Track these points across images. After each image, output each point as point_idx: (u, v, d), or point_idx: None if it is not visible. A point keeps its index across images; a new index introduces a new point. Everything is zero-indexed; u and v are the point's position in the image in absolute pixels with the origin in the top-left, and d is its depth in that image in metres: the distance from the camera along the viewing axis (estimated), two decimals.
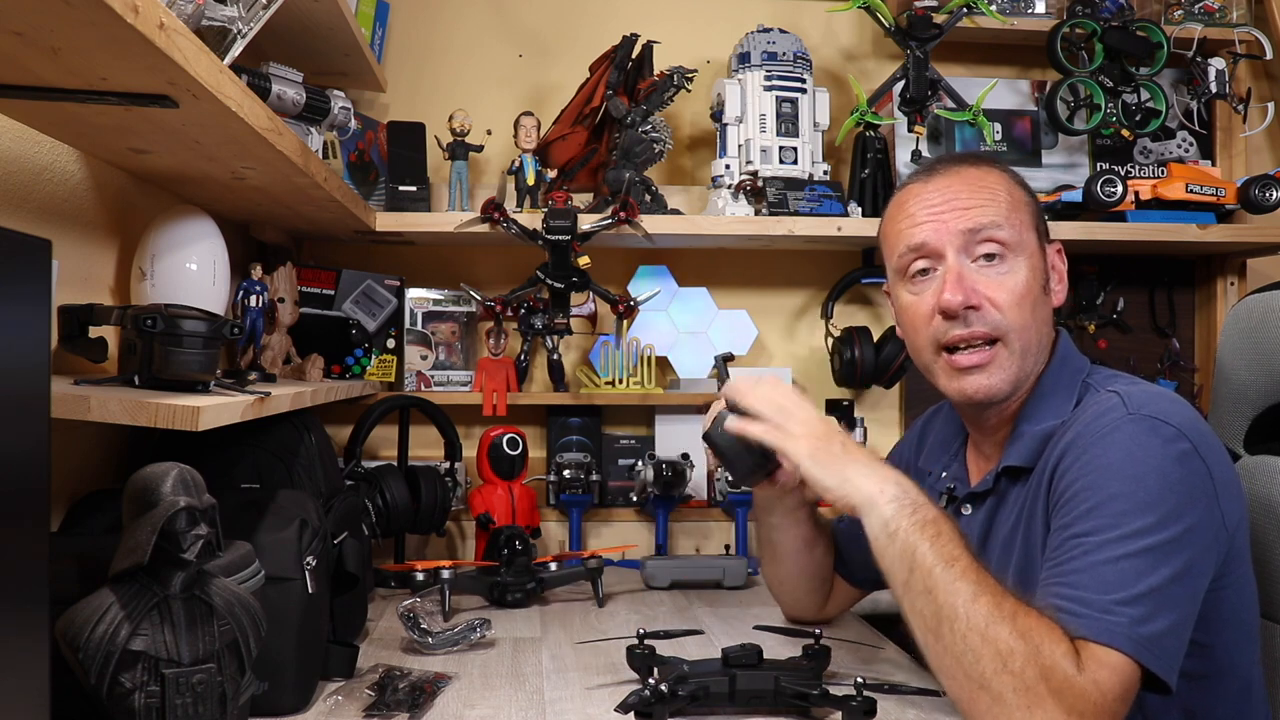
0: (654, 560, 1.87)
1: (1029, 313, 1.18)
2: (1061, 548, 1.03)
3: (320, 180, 1.45)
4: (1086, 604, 0.97)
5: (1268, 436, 1.39)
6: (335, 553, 1.35)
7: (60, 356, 1.18)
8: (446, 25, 2.19)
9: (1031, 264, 1.19)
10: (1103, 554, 0.99)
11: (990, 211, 1.19)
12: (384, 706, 1.19)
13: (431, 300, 2.11)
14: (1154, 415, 1.06)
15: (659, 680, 1.12)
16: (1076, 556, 1.01)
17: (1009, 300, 1.17)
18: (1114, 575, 0.98)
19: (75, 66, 0.92)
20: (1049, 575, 1.03)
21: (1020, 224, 1.20)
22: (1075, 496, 1.05)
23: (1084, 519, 1.03)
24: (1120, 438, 1.06)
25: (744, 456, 1.30)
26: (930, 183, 1.23)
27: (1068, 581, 1.00)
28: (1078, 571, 1.00)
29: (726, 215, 1.99)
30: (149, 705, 0.91)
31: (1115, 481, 1.03)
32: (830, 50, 2.26)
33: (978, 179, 1.21)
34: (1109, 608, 0.97)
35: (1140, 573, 0.98)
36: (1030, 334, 1.18)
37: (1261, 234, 2.08)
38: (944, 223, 1.19)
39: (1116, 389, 1.13)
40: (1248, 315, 1.39)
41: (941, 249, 1.19)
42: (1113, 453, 1.05)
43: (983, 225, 1.18)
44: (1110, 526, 1.01)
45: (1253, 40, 2.15)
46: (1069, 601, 0.98)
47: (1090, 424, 1.09)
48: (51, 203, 1.24)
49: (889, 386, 2.16)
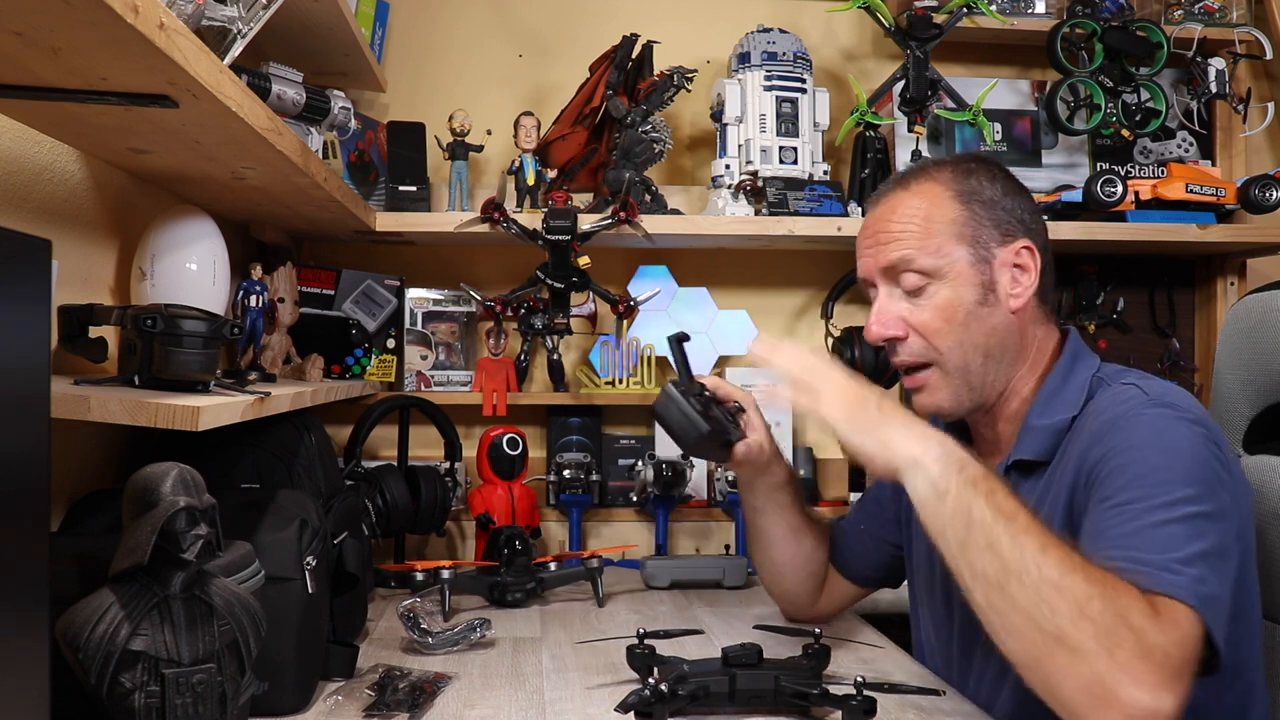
0: (654, 560, 1.87)
1: (958, 332, 1.20)
2: (1104, 518, 1.02)
3: (320, 180, 1.45)
4: (1145, 563, 0.96)
5: (1267, 436, 1.39)
6: (335, 553, 1.35)
7: (60, 356, 1.18)
8: (446, 25, 2.19)
9: (958, 282, 1.20)
10: (1152, 517, 0.99)
11: (903, 245, 1.21)
12: (384, 706, 1.19)
13: (431, 300, 2.11)
14: (1175, 404, 1.09)
15: (659, 680, 1.12)
16: (1125, 521, 1.00)
17: (931, 326, 1.20)
18: (1165, 538, 0.97)
19: (75, 66, 0.92)
20: (1097, 544, 1.00)
21: (938, 247, 1.20)
22: (1112, 472, 1.05)
23: (1125, 489, 1.02)
24: (1148, 419, 1.08)
25: (689, 428, 1.26)
26: (871, 212, 1.29)
27: (1120, 544, 0.98)
28: (1129, 535, 0.99)
29: (726, 215, 1.98)
30: (149, 705, 0.91)
31: (1152, 455, 1.04)
32: (830, 50, 2.26)
33: (898, 206, 1.24)
34: (1169, 565, 0.95)
35: (1190, 537, 0.98)
36: (964, 352, 1.20)
37: (1261, 234, 2.08)
38: (870, 257, 1.25)
39: (1132, 381, 1.15)
40: (1247, 315, 1.39)
41: (873, 280, 1.25)
42: (1144, 431, 1.07)
43: (895, 261, 1.22)
44: (1154, 494, 1.00)
45: (1253, 40, 2.15)
46: (1127, 562, 0.96)
47: (1114, 410, 1.11)
48: (51, 203, 1.24)
49: (889, 387, 2.15)
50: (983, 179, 1.24)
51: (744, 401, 1.37)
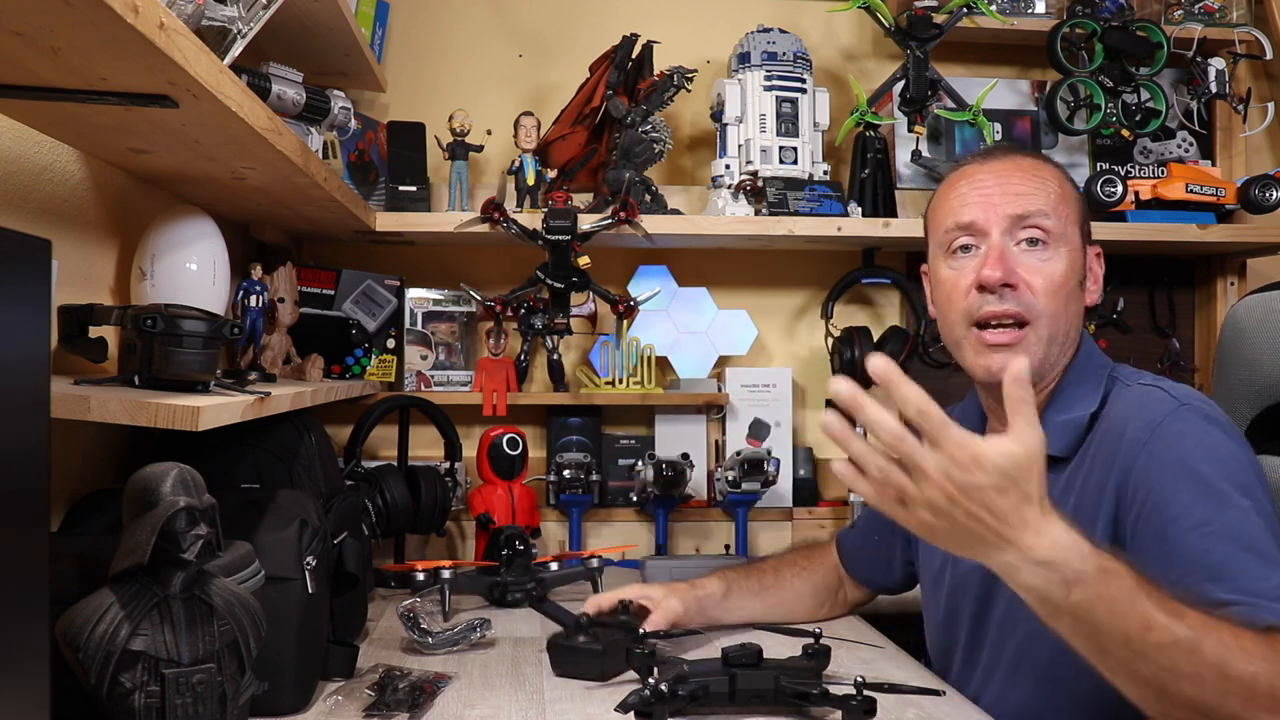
0: (654, 560, 1.87)
1: (1061, 302, 1.21)
2: (1183, 541, 1.04)
3: (320, 180, 1.45)
4: (1256, 594, 0.97)
5: (1267, 436, 1.39)
6: (335, 553, 1.35)
7: (60, 356, 1.18)
8: (446, 25, 2.19)
9: (1072, 257, 1.22)
10: (1233, 543, 1.01)
11: (1039, 199, 1.22)
12: (384, 706, 1.19)
13: (431, 300, 2.11)
14: (1200, 408, 1.12)
15: (659, 680, 1.12)
16: (1212, 548, 1.02)
17: (1044, 286, 1.20)
18: (1258, 562, 1.00)
19: (75, 66, 0.92)
20: (1187, 568, 1.01)
21: (1066, 217, 1.23)
22: (1169, 487, 1.07)
23: (1192, 508, 1.04)
24: (1185, 426, 1.10)
25: (592, 661, 1.29)
26: (985, 165, 1.27)
27: (1224, 573, 1.00)
28: (1222, 564, 1.01)
29: (726, 215, 1.98)
30: (149, 705, 0.91)
31: (1204, 466, 1.06)
32: (830, 50, 2.26)
33: (1031, 168, 1.25)
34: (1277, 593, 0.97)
35: (1272, 552, 1.01)
36: (1059, 323, 1.21)
37: (1261, 234, 2.08)
38: (993, 204, 1.23)
39: (1152, 383, 1.18)
40: (1247, 314, 1.39)
41: (987, 228, 1.22)
42: (1187, 442, 1.09)
43: (1030, 211, 1.21)
44: (1222, 507, 1.03)
45: (1253, 40, 2.15)
46: (1237, 594, 0.98)
47: (1146, 416, 1.12)
48: (51, 203, 1.24)
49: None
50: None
51: (626, 595, 1.41)
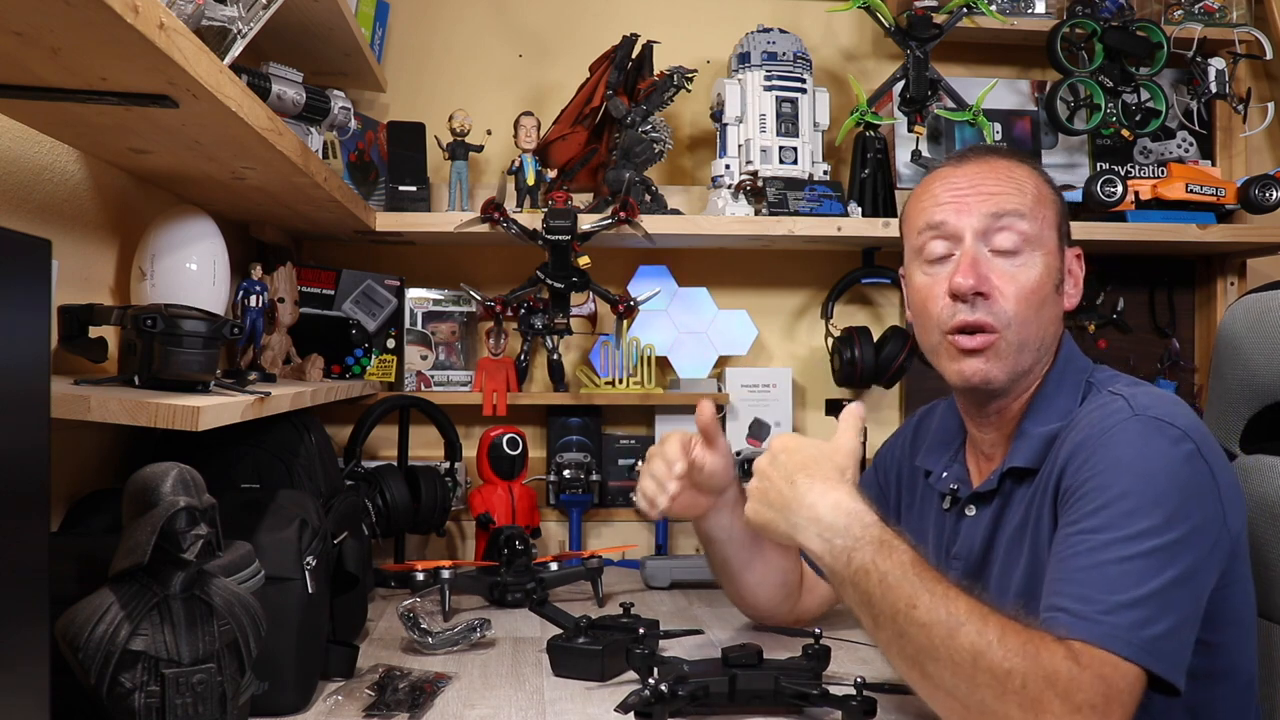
0: (654, 560, 1.87)
1: (1034, 309, 1.17)
2: (1067, 543, 1.03)
3: (320, 180, 1.45)
4: (1091, 602, 0.97)
5: (1265, 435, 1.39)
6: (335, 553, 1.35)
7: (60, 356, 1.19)
8: (446, 25, 2.19)
9: (1048, 261, 1.19)
10: (1109, 553, 0.99)
11: (1014, 200, 1.19)
12: (384, 706, 1.19)
13: (431, 300, 2.11)
14: (1159, 417, 1.07)
15: (659, 680, 1.12)
16: (1082, 554, 1.01)
17: (1017, 294, 1.17)
18: (1119, 576, 0.98)
19: (75, 66, 0.92)
20: (1055, 571, 1.02)
21: (1043, 219, 1.20)
22: (1084, 495, 1.05)
23: (1091, 516, 1.02)
24: (1127, 437, 1.06)
25: (592, 661, 1.30)
26: (960, 168, 1.23)
27: (1073, 579, 1.00)
28: (1083, 570, 1.00)
29: (726, 215, 1.98)
30: (149, 705, 0.91)
31: (1124, 479, 1.03)
32: (830, 50, 2.26)
33: (1007, 169, 1.22)
34: (1114, 609, 0.96)
35: (1145, 574, 0.98)
36: (1031, 330, 1.18)
37: (1261, 234, 2.08)
38: (967, 205, 1.20)
39: (1120, 390, 1.13)
40: (1245, 314, 1.39)
41: (961, 231, 1.19)
42: (1120, 450, 1.05)
43: (1005, 211, 1.18)
44: (1117, 525, 1.00)
45: (1253, 40, 2.15)
46: (1074, 601, 0.98)
47: (1096, 424, 1.09)
48: (51, 203, 1.24)
49: (889, 386, 2.16)
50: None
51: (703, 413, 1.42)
